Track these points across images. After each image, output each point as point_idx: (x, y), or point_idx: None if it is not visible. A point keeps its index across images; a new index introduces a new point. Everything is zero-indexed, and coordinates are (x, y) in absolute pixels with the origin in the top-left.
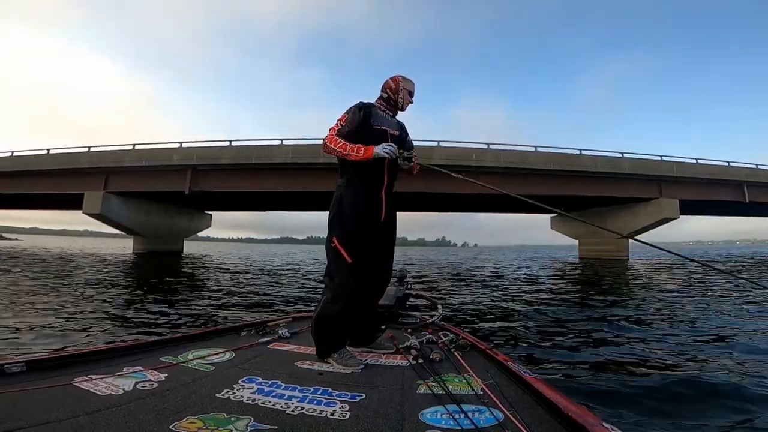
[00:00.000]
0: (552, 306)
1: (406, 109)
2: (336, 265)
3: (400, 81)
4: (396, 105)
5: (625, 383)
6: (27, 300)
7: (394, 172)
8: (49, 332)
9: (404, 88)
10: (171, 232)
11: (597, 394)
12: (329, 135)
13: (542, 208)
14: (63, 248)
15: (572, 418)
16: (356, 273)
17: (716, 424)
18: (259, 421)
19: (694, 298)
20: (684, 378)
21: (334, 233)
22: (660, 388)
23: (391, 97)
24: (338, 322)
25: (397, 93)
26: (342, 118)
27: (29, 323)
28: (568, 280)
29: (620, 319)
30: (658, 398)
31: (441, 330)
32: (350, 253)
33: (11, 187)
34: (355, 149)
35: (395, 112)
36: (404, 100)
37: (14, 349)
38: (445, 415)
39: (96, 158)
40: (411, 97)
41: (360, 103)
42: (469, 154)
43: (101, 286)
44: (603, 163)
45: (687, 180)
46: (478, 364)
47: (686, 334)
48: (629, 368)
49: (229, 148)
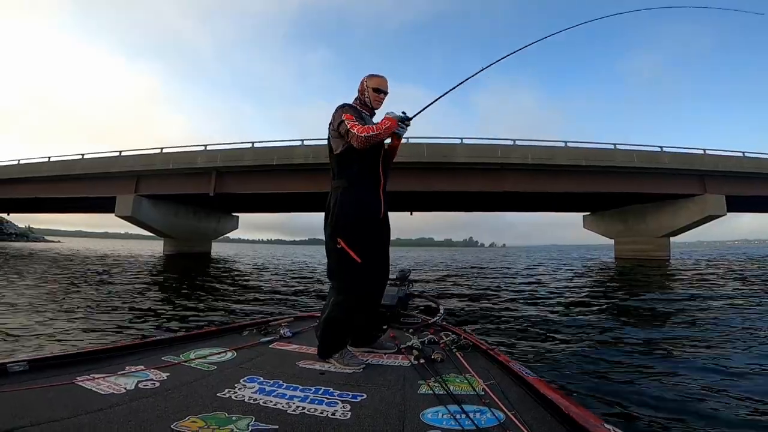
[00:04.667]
0: (562, 308)
1: (380, 106)
2: (343, 267)
3: (365, 80)
4: (366, 104)
5: (628, 384)
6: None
7: (387, 171)
8: (51, 332)
9: (368, 86)
10: (199, 234)
11: (599, 395)
12: (358, 131)
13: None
14: (95, 250)
15: (574, 419)
16: (365, 272)
17: (724, 426)
18: (260, 420)
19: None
20: (690, 379)
21: (339, 235)
22: (664, 389)
23: (360, 98)
24: (350, 323)
25: (363, 92)
26: (348, 117)
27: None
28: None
29: (628, 323)
30: (662, 399)
31: (442, 330)
32: (358, 253)
33: (49, 192)
34: (383, 125)
35: (372, 113)
36: (371, 98)
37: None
38: (447, 415)
39: (128, 162)
40: (380, 94)
41: (346, 105)
42: (494, 150)
43: (112, 284)
44: (640, 157)
45: (733, 174)
46: (480, 365)
47: (701, 335)
48: (633, 369)
49: (251, 150)
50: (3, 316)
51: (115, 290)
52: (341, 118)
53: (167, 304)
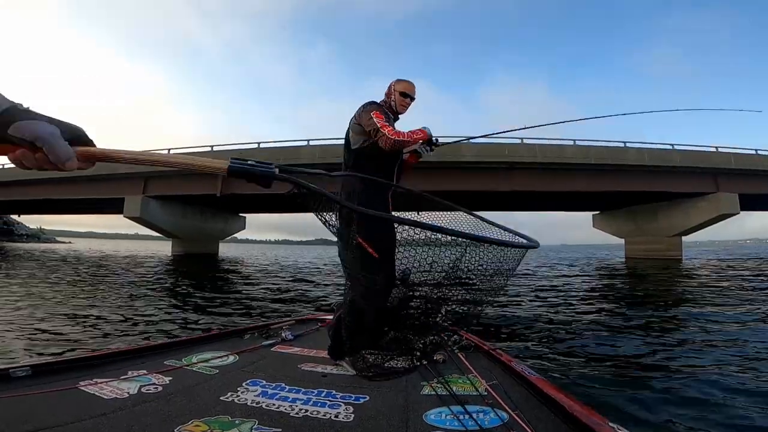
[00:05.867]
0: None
1: (405, 111)
2: (361, 264)
3: (393, 84)
4: (392, 108)
5: (633, 383)
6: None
7: (400, 172)
8: (51, 337)
9: (395, 90)
10: (206, 235)
11: (603, 394)
12: (389, 132)
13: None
14: (102, 251)
15: (578, 418)
16: (382, 269)
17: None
18: (263, 423)
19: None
20: (694, 379)
21: (355, 231)
22: (669, 389)
23: (386, 101)
24: (368, 322)
25: (390, 95)
26: (379, 116)
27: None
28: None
29: (637, 321)
30: (667, 399)
31: (444, 331)
32: (376, 249)
33: (59, 193)
34: (415, 135)
35: (396, 117)
36: (397, 102)
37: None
38: (450, 416)
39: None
40: (406, 98)
41: (375, 103)
42: (501, 149)
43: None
44: (651, 156)
45: (747, 172)
46: (482, 365)
47: (704, 337)
48: (639, 368)
49: (257, 150)
50: (3, 317)
51: (116, 293)
52: (370, 116)
53: (168, 309)
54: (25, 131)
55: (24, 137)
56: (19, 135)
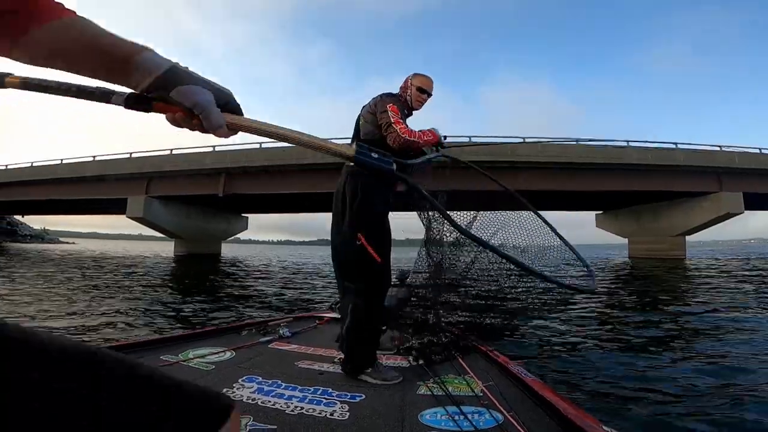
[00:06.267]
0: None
1: (420, 108)
2: (363, 266)
3: (410, 78)
4: (407, 103)
5: (628, 386)
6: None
7: None
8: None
9: (413, 84)
10: (209, 235)
11: (597, 397)
12: (401, 129)
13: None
14: (104, 251)
15: (572, 421)
16: (385, 273)
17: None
18: (258, 420)
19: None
20: (692, 384)
21: (360, 228)
22: (666, 393)
23: (402, 96)
24: (375, 330)
25: (406, 90)
26: (392, 108)
27: None
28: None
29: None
30: (663, 402)
31: (442, 331)
32: (377, 251)
33: (62, 193)
34: (425, 137)
35: (410, 112)
36: (413, 97)
37: None
38: (445, 416)
39: (138, 163)
40: (423, 94)
41: (394, 96)
42: (503, 149)
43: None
44: (654, 155)
45: (751, 171)
46: (479, 366)
47: (704, 339)
48: (634, 372)
49: (260, 151)
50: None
51: (116, 293)
52: (386, 108)
53: (167, 307)
54: (186, 97)
55: (184, 103)
56: (179, 100)
